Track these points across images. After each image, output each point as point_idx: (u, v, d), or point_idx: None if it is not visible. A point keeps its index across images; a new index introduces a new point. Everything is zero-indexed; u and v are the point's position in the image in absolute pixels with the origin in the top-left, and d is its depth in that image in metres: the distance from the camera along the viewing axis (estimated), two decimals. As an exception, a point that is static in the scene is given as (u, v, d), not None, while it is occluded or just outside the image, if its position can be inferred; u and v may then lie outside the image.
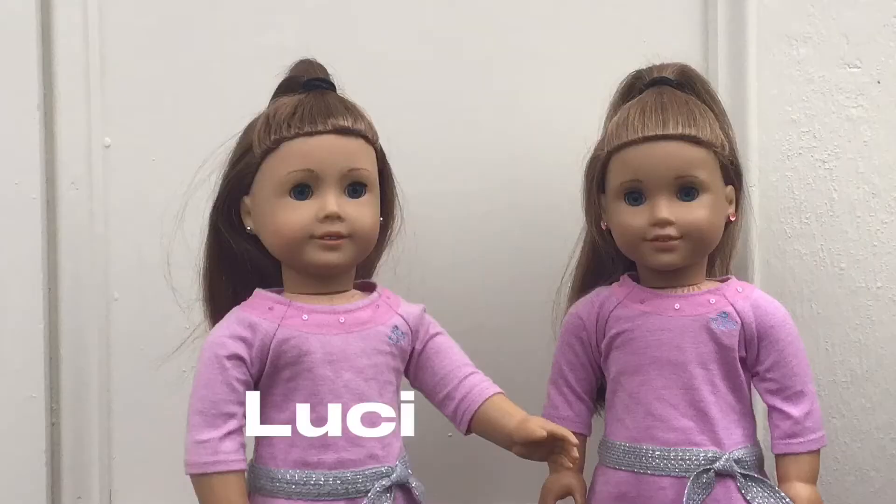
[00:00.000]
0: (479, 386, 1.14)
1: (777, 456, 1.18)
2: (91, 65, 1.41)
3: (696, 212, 1.15)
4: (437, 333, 1.18)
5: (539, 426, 1.07)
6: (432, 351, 1.16)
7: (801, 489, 1.16)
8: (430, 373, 1.16)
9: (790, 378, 1.17)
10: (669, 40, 1.38)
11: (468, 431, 1.14)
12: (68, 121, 1.42)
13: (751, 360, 1.18)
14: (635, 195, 1.17)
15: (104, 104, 1.42)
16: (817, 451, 1.18)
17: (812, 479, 1.17)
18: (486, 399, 1.13)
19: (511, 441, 1.09)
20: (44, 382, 1.41)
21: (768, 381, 1.18)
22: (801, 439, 1.17)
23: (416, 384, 1.17)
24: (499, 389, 1.14)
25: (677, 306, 1.18)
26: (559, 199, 1.36)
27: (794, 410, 1.17)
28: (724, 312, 1.17)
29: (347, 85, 1.16)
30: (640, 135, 1.14)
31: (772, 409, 1.19)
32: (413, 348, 1.16)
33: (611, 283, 1.24)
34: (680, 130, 1.14)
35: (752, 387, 1.20)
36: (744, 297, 1.19)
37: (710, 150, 1.16)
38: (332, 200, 1.08)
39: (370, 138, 1.12)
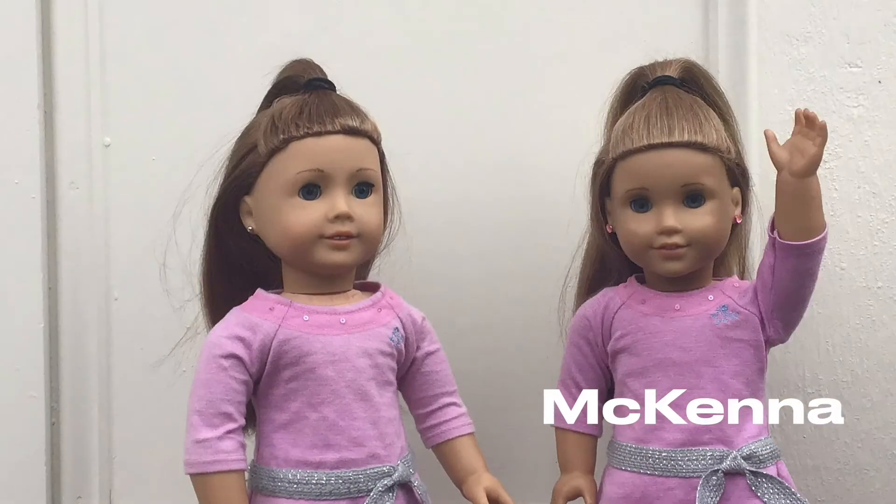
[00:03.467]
0: (455, 420, 1.19)
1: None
2: (91, 64, 1.41)
3: (703, 219, 1.14)
4: (434, 351, 1.19)
5: (485, 491, 1.13)
6: (426, 368, 1.18)
7: None
8: (416, 387, 1.19)
9: None
10: (670, 40, 1.37)
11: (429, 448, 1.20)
12: (68, 120, 1.42)
13: (767, 315, 1.16)
14: (641, 202, 1.15)
15: (104, 104, 1.42)
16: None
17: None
18: (456, 437, 1.18)
19: (459, 487, 1.17)
20: (44, 382, 1.41)
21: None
22: None
23: (398, 387, 1.18)
24: (471, 430, 1.19)
25: (677, 306, 1.17)
26: (560, 198, 1.35)
27: None
28: (724, 305, 1.17)
29: (345, 85, 1.16)
30: (646, 142, 1.13)
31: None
32: (406, 355, 1.17)
33: (618, 284, 1.24)
34: (686, 138, 1.13)
35: (763, 380, 1.18)
36: (742, 290, 1.18)
37: (716, 156, 1.14)
38: (341, 200, 1.09)
39: (375, 139, 1.13)
